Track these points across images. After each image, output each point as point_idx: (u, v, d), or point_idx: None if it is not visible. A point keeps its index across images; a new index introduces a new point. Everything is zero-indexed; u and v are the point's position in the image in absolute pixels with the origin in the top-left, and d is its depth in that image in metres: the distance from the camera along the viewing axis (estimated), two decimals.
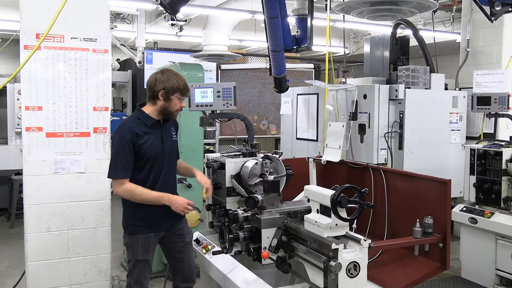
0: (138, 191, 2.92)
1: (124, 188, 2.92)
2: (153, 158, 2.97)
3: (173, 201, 2.92)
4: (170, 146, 3.10)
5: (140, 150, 2.92)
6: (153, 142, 2.97)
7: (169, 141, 3.09)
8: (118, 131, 2.96)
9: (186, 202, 2.92)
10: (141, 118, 3.00)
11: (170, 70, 3.06)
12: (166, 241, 3.14)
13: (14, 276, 4.49)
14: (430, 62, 5.78)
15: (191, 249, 3.24)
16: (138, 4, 7.56)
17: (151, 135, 2.97)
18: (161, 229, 3.08)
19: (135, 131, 2.92)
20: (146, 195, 2.92)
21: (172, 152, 3.12)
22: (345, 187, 2.23)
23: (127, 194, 2.94)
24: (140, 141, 2.91)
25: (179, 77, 3.00)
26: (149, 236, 3.02)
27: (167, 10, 4.17)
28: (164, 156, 3.03)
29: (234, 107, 3.30)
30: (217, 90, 3.26)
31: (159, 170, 3.01)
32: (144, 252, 3.00)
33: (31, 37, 3.65)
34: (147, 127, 2.98)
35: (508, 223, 4.27)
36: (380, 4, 3.88)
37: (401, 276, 2.65)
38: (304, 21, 4.74)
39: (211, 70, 9.05)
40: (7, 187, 7.37)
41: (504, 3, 4.71)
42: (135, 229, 3.02)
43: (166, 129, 3.08)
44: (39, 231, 3.79)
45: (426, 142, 5.32)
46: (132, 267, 3.04)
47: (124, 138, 2.89)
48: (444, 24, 8.28)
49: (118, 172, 2.92)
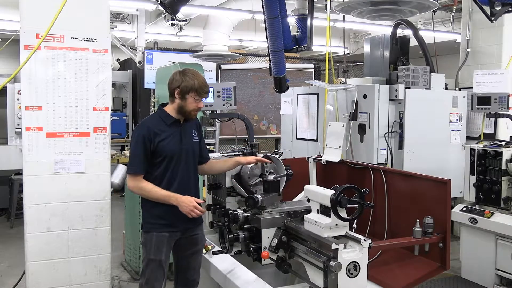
0: (148, 188, 2.92)
1: (135, 184, 2.94)
2: (170, 156, 2.96)
3: (181, 202, 2.88)
4: (190, 147, 3.06)
5: (157, 147, 2.92)
6: (171, 141, 2.96)
7: (188, 141, 3.05)
8: (137, 129, 3.00)
9: (193, 205, 2.85)
10: (162, 116, 3.01)
11: (191, 70, 3.01)
12: (178, 243, 3.09)
13: (14, 276, 4.49)
14: (430, 62, 5.78)
15: (200, 256, 3.19)
16: (138, 4, 7.56)
17: (170, 134, 2.97)
18: (177, 230, 3.02)
19: (152, 129, 2.93)
20: (155, 193, 2.91)
21: (190, 152, 3.07)
22: (345, 187, 2.23)
23: (137, 190, 2.96)
24: (157, 139, 2.92)
25: (196, 76, 2.96)
26: (163, 235, 2.98)
27: (167, 10, 4.17)
28: (181, 156, 3.00)
29: (234, 107, 3.31)
30: (217, 90, 3.27)
31: (176, 169, 2.99)
32: (157, 252, 2.96)
33: (31, 37, 3.65)
34: (166, 125, 2.98)
35: (508, 223, 4.27)
36: (380, 4, 3.88)
37: (401, 276, 2.65)
38: (304, 21, 4.74)
39: (211, 70, 9.06)
40: (7, 187, 7.37)
41: (504, 3, 4.71)
42: (150, 226, 3.00)
43: (186, 129, 3.06)
44: (39, 231, 3.79)
45: (426, 142, 5.32)
46: (145, 267, 3.01)
47: (140, 136, 2.92)
48: (444, 24, 8.28)
49: (132, 168, 2.94)
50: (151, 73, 8.34)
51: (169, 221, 2.97)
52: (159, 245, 2.97)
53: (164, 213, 2.95)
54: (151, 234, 2.99)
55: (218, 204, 3.31)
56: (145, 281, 2.99)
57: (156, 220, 2.99)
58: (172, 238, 3.03)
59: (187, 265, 3.16)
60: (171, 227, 2.99)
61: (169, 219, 2.96)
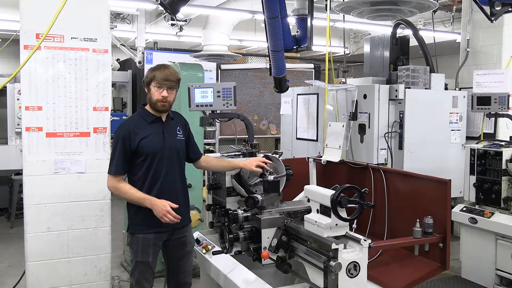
0: (124, 189, 2.91)
1: (113, 184, 2.95)
2: (152, 154, 2.94)
3: (154, 205, 2.83)
4: (173, 145, 3.03)
5: (138, 146, 2.91)
6: (153, 139, 2.95)
7: (171, 139, 3.03)
8: (118, 129, 2.99)
9: (166, 209, 2.80)
10: (142, 115, 3.02)
11: (159, 64, 3.04)
12: (167, 245, 3.09)
13: (14, 276, 4.49)
14: (430, 62, 5.78)
15: (190, 257, 3.19)
16: (138, 4, 7.56)
17: (151, 132, 2.97)
18: (163, 230, 3.00)
19: (133, 128, 2.93)
20: (130, 195, 2.90)
21: (174, 150, 3.04)
22: (345, 187, 2.23)
23: (114, 190, 2.97)
24: (138, 137, 2.91)
25: (158, 67, 2.97)
26: (149, 237, 2.97)
27: (167, 10, 4.17)
28: (164, 154, 2.98)
29: (234, 107, 3.30)
30: (217, 90, 3.26)
31: (159, 167, 2.96)
32: (144, 253, 2.96)
33: (31, 37, 3.65)
34: (147, 123, 2.98)
35: (508, 223, 4.27)
36: (380, 4, 3.88)
37: (401, 276, 2.65)
38: (304, 21, 4.74)
39: (211, 70, 9.06)
40: (7, 187, 7.37)
41: (504, 3, 4.71)
42: (135, 228, 3.00)
43: (169, 127, 3.05)
44: (39, 231, 3.79)
45: (426, 142, 5.32)
46: (133, 268, 3.02)
47: (120, 136, 2.93)
48: (444, 24, 8.28)
49: (111, 168, 2.95)
50: None
51: (154, 222, 2.90)
52: (145, 247, 2.97)
53: (148, 215, 2.90)
54: (136, 236, 2.98)
55: (218, 204, 3.31)
56: (135, 282, 3.01)
57: (141, 222, 2.97)
58: (158, 239, 3.02)
59: (178, 268, 3.16)
60: (156, 227, 2.96)
61: (154, 221, 2.89)
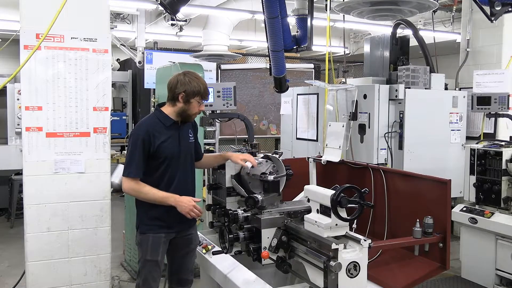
0: (145, 190, 2.91)
1: (131, 186, 2.91)
2: (169, 158, 2.95)
3: (179, 202, 2.87)
4: (187, 148, 3.06)
5: (157, 150, 2.91)
6: (170, 143, 2.96)
7: (185, 143, 3.06)
8: (135, 130, 2.98)
9: (192, 204, 2.86)
10: (160, 118, 3.00)
11: (192, 73, 3.01)
12: (173, 243, 3.10)
13: (14, 276, 4.49)
14: (430, 62, 5.78)
15: (193, 255, 3.21)
16: (138, 4, 7.56)
17: (169, 135, 2.97)
18: (173, 231, 3.04)
19: (151, 131, 2.91)
20: (152, 195, 2.90)
21: (188, 153, 3.08)
22: (345, 187, 2.23)
23: (133, 192, 2.94)
24: (156, 141, 2.91)
25: (200, 80, 2.97)
26: (160, 236, 2.99)
27: (167, 10, 4.17)
28: (180, 157, 3.01)
29: (234, 107, 3.31)
30: (217, 90, 3.27)
31: (174, 171, 2.99)
32: (154, 252, 2.98)
33: (31, 37, 3.64)
34: (165, 127, 2.98)
35: (508, 223, 4.27)
36: (380, 4, 3.87)
37: (401, 276, 2.65)
38: (304, 21, 4.74)
39: (211, 70, 9.04)
40: (7, 187, 7.37)
41: (504, 3, 4.71)
42: (146, 228, 3.01)
43: (183, 131, 3.06)
44: (39, 231, 3.79)
45: (426, 142, 5.32)
46: (141, 267, 3.02)
47: (139, 138, 2.90)
48: (444, 24, 8.28)
49: (129, 170, 2.91)
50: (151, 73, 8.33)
51: (165, 222, 2.98)
52: (155, 246, 2.98)
53: (160, 215, 2.95)
54: (147, 236, 2.99)
55: (218, 204, 3.31)
56: (142, 281, 3.01)
57: (152, 221, 2.99)
58: (167, 238, 3.04)
59: (181, 265, 3.17)
60: (167, 228, 3.00)
61: (166, 221, 2.97)
